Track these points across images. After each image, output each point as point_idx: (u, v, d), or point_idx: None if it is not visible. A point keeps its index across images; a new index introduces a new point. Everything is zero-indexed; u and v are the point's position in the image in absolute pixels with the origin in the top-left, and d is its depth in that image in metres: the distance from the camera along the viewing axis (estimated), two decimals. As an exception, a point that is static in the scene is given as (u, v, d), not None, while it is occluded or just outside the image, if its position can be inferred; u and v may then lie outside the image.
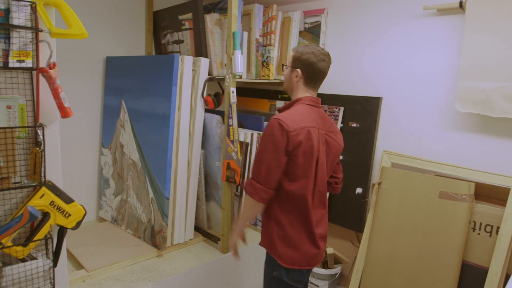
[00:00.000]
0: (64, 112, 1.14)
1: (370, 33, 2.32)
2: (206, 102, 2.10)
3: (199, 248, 2.16)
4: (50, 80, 1.10)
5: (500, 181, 1.87)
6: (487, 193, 1.96)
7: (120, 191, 2.27)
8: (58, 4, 1.14)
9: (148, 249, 2.04)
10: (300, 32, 2.54)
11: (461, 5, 1.91)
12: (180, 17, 2.23)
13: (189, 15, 2.17)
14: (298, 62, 1.49)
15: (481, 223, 1.91)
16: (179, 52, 2.34)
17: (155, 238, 2.03)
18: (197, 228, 2.28)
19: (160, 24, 2.43)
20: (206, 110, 2.15)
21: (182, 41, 2.29)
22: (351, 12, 2.39)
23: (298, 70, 1.49)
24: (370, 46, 2.32)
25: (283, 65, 1.51)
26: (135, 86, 2.14)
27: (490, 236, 1.88)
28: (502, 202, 1.87)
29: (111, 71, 2.32)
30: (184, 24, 2.23)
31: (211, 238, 2.20)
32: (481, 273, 1.87)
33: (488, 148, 1.95)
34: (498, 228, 1.85)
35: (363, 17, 2.34)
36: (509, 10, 1.74)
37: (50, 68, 1.10)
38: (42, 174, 1.11)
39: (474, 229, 1.93)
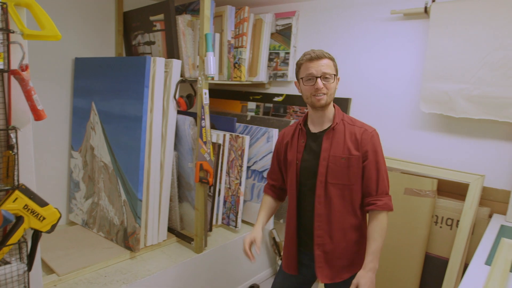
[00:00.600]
0: (38, 115, 1.15)
1: (340, 35, 2.43)
2: (178, 103, 2.14)
3: (172, 249, 2.19)
4: (22, 82, 1.11)
5: (460, 177, 2.02)
6: (448, 189, 2.11)
7: (91, 194, 2.26)
8: (29, 4, 1.15)
9: (121, 251, 2.05)
10: (272, 34, 2.62)
11: (426, 10, 2.04)
12: (151, 18, 2.26)
13: (161, 16, 2.20)
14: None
15: (443, 217, 2.06)
16: (150, 53, 2.36)
17: (128, 240, 2.05)
18: (170, 229, 2.31)
19: (131, 25, 2.44)
20: (179, 112, 2.18)
21: (153, 43, 2.31)
22: (321, 15, 2.49)
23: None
24: (340, 48, 2.43)
25: (334, 74, 1.42)
26: (106, 88, 2.15)
27: (451, 229, 2.03)
28: (462, 197, 2.02)
29: (80, 73, 2.31)
30: (155, 25, 2.26)
31: (184, 238, 2.23)
32: (442, 263, 2.01)
33: (449, 146, 2.10)
34: (458, 221, 2.00)
35: (333, 20, 2.44)
36: (470, 16, 1.88)
37: (23, 70, 1.12)
38: (15, 178, 1.12)
39: (436, 222, 2.07)
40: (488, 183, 1.98)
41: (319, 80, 1.37)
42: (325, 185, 1.43)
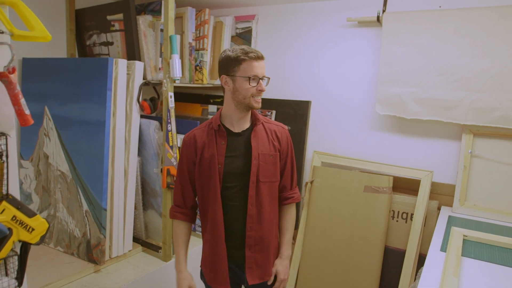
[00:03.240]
0: (24, 120, 1.13)
1: (299, 40, 2.60)
2: (142, 107, 2.15)
3: (139, 259, 2.19)
4: (10, 86, 1.09)
5: (413, 174, 2.29)
6: (403, 185, 2.37)
7: (47, 206, 2.17)
8: (14, 3, 1.13)
9: (84, 265, 2.01)
10: (232, 37, 2.72)
11: (378, 19, 2.29)
12: (109, 17, 2.23)
13: (120, 16, 2.19)
14: None
15: (398, 211, 2.31)
16: (108, 54, 2.33)
17: (91, 252, 2.01)
18: (135, 239, 2.30)
19: (84, 24, 2.38)
20: (142, 116, 2.19)
21: (111, 43, 2.28)
22: (280, 19, 2.65)
23: None
24: (299, 52, 2.61)
25: (268, 78, 1.48)
26: (62, 91, 2.09)
27: (406, 222, 2.29)
28: (415, 192, 2.28)
29: (29, 75, 2.20)
30: (113, 25, 2.24)
31: (150, 247, 2.24)
32: (400, 255, 2.25)
33: (402, 145, 2.36)
34: (412, 214, 2.26)
35: (292, 24, 2.62)
36: (419, 26, 2.15)
37: (10, 73, 1.09)
38: (4, 188, 1.10)
39: (393, 217, 2.32)
40: (436, 178, 2.27)
41: (262, 81, 1.42)
42: (256, 185, 1.47)
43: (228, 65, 1.44)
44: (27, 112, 1.13)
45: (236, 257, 1.54)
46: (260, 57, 1.42)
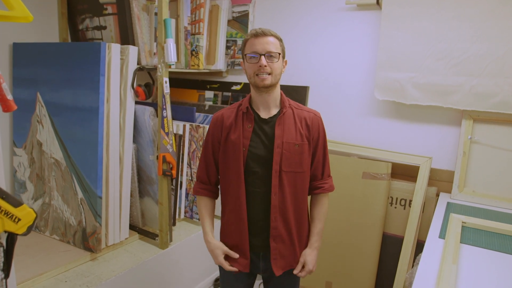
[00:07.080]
0: (7, 106, 1.08)
1: (297, 23, 2.54)
2: (136, 93, 2.10)
3: (135, 246, 2.18)
4: (-7, 72, 1.05)
5: (411, 160, 2.26)
6: (401, 171, 2.35)
7: (41, 194, 2.14)
8: (-8, -19, 1.07)
9: (80, 253, 1.99)
10: (229, 21, 2.66)
11: (378, 2, 2.23)
12: (101, 0, 2.17)
13: (112, -1, 2.13)
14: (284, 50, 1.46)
15: (397, 198, 2.30)
16: (101, 39, 2.27)
17: (87, 241, 1.99)
18: (132, 226, 2.28)
19: (76, 7, 2.32)
20: (136, 102, 2.15)
21: (104, 27, 2.22)
22: (278, 2, 2.59)
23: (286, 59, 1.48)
24: (297, 37, 2.55)
25: (279, 53, 1.38)
26: (54, 77, 2.03)
27: (404, 208, 2.28)
28: (414, 178, 2.26)
29: (20, 60, 2.15)
30: (106, 9, 2.17)
31: (147, 235, 2.23)
32: (398, 241, 2.25)
33: (401, 131, 2.33)
34: (410, 201, 2.25)
35: (290, 8, 2.55)
36: (419, 9, 2.10)
37: (-7, 59, 1.05)
38: (-9, 177, 1.06)
39: (391, 203, 2.31)
40: (435, 164, 2.25)
41: (263, 57, 1.34)
42: (279, 174, 1.42)
43: (241, 48, 1.45)
44: (9, 97, 1.08)
45: (255, 245, 1.49)
46: (260, 34, 1.36)
